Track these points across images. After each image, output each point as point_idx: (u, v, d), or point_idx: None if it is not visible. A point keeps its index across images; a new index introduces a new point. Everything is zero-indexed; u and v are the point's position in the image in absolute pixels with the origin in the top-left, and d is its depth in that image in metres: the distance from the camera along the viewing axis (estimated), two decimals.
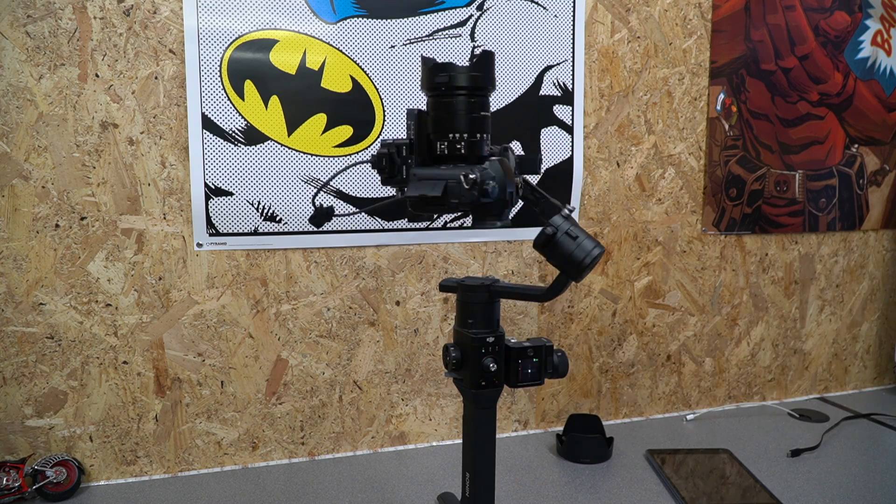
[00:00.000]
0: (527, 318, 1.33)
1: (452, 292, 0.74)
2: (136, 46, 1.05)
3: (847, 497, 1.07)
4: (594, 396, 1.40)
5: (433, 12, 1.17)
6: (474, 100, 0.70)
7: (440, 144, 0.69)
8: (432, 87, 0.70)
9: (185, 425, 1.15)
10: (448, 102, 0.69)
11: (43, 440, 1.09)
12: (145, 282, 1.10)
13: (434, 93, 0.70)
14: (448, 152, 0.69)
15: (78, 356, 1.09)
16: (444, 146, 0.69)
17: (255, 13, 1.09)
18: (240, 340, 1.16)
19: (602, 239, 1.35)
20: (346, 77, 1.14)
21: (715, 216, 1.42)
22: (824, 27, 1.44)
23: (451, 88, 0.69)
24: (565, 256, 0.64)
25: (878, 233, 1.61)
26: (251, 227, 1.13)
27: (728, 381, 1.51)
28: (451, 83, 0.69)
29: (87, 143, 1.05)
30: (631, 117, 1.34)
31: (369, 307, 1.22)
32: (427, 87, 0.70)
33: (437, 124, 0.70)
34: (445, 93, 0.69)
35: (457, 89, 0.69)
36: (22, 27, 1.00)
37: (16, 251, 1.04)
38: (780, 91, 1.43)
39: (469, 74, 0.69)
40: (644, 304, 1.41)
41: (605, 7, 1.29)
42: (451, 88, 0.69)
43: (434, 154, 0.70)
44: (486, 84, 0.70)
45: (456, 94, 0.69)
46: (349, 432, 1.25)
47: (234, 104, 1.10)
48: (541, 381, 0.73)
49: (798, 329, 1.56)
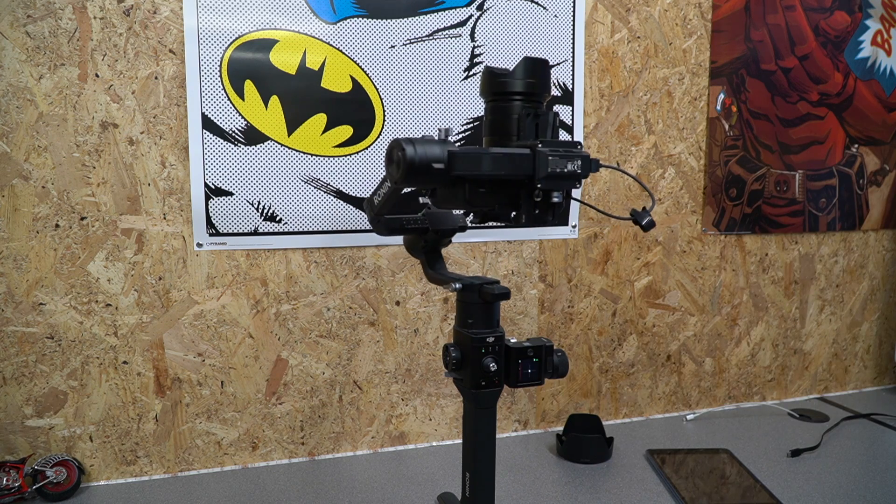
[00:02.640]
0: (527, 318, 1.33)
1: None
2: (136, 46, 1.05)
3: (847, 497, 1.07)
4: (594, 396, 1.40)
5: (433, 12, 1.17)
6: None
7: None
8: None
9: (185, 425, 1.15)
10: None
11: (43, 440, 1.09)
12: (145, 282, 1.10)
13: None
14: None
15: (78, 356, 1.09)
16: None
17: (255, 13, 1.09)
18: (240, 340, 1.16)
19: (602, 239, 1.35)
20: (346, 77, 1.14)
21: (715, 216, 1.42)
22: (824, 27, 1.44)
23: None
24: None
25: (878, 233, 1.61)
26: (251, 227, 1.13)
27: (728, 381, 1.51)
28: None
29: (87, 143, 1.05)
30: (631, 117, 1.34)
31: (369, 307, 1.22)
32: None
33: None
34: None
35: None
36: (22, 27, 1.00)
37: (16, 251, 1.04)
38: (780, 91, 1.43)
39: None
40: (644, 304, 1.41)
41: (605, 7, 1.29)
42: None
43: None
44: (541, 91, 0.72)
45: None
46: (349, 432, 1.25)
47: (234, 104, 1.10)
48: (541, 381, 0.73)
49: (798, 329, 1.56)
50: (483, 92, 0.72)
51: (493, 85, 0.70)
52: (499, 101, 0.71)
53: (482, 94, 0.72)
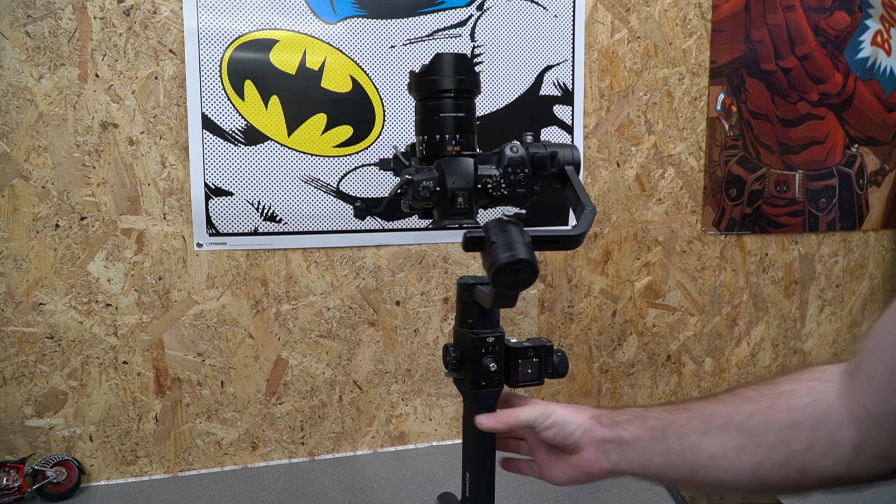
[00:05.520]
0: (527, 318, 1.33)
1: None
2: (136, 46, 1.05)
3: (847, 496, 1.07)
4: (594, 396, 1.40)
5: (433, 12, 1.17)
6: (435, 103, 0.73)
7: (417, 145, 0.74)
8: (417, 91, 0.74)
9: (185, 425, 1.15)
10: (425, 105, 0.73)
11: (43, 440, 1.09)
12: (145, 282, 1.10)
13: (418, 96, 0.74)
14: (426, 153, 0.73)
15: (78, 356, 1.09)
16: (422, 146, 0.74)
17: (255, 13, 1.09)
18: (240, 340, 1.16)
19: (602, 239, 1.35)
20: (346, 77, 1.14)
21: (715, 216, 1.42)
22: (824, 27, 1.44)
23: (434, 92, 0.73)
24: (486, 264, 0.60)
25: (878, 233, 1.61)
26: (251, 227, 1.13)
27: (728, 381, 1.51)
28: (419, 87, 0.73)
29: (87, 143, 1.05)
30: (631, 117, 1.34)
31: (369, 307, 1.22)
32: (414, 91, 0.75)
33: (419, 125, 0.74)
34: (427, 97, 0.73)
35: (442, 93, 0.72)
36: (22, 27, 1.00)
37: (16, 251, 1.04)
38: (780, 91, 1.43)
39: (428, 79, 0.72)
40: (644, 304, 1.41)
41: (605, 7, 1.29)
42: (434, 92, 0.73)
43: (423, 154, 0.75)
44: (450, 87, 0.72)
45: (432, 99, 0.73)
46: (349, 432, 1.25)
47: (234, 104, 1.10)
48: (541, 382, 0.73)
49: (798, 329, 1.56)
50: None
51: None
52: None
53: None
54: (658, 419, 0.59)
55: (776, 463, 0.50)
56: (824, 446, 0.48)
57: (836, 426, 0.47)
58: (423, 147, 0.72)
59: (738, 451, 0.52)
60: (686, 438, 0.56)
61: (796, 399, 0.51)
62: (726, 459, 0.53)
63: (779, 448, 0.50)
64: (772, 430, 0.51)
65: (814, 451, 0.48)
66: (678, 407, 0.58)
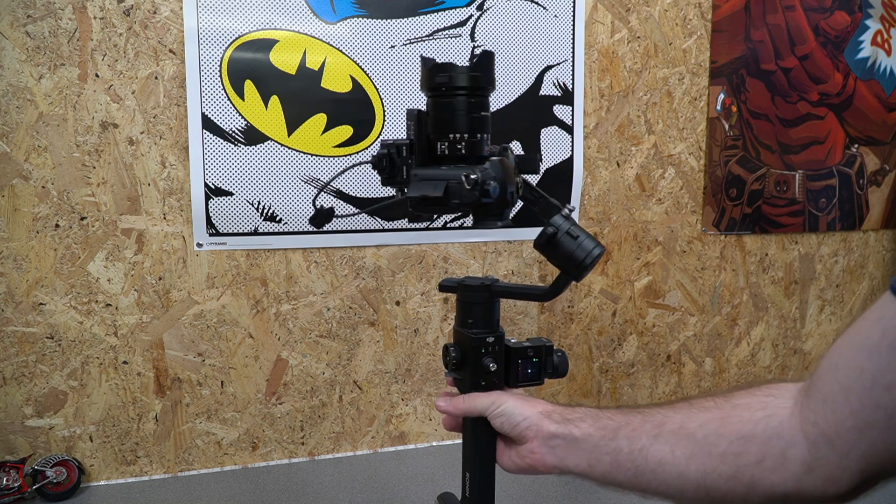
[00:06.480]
0: (527, 318, 1.33)
1: (452, 292, 0.75)
2: (136, 46, 1.05)
3: None
4: (594, 396, 1.40)
5: (433, 12, 1.17)
6: (474, 100, 0.70)
7: (440, 145, 0.70)
8: (432, 87, 0.70)
9: (185, 425, 1.15)
10: (448, 102, 0.70)
11: (43, 440, 1.09)
12: (145, 282, 1.10)
13: (434, 93, 0.70)
14: (448, 152, 0.69)
15: (78, 356, 1.09)
16: (444, 146, 0.69)
17: (255, 13, 1.09)
18: (240, 340, 1.16)
19: (602, 239, 1.35)
20: (346, 77, 1.14)
21: (715, 216, 1.42)
22: (824, 27, 1.44)
23: (451, 88, 0.69)
24: (566, 256, 0.64)
25: (878, 233, 1.61)
26: (251, 227, 1.13)
27: (728, 381, 1.51)
28: (451, 83, 0.69)
29: (87, 143, 1.05)
30: (631, 117, 1.34)
31: (369, 307, 1.22)
32: (427, 87, 0.71)
33: (438, 124, 0.70)
34: (445, 93, 0.69)
35: (457, 89, 0.69)
36: (22, 27, 1.00)
37: (16, 251, 1.04)
38: (780, 91, 1.43)
39: (469, 74, 0.69)
40: (644, 304, 1.41)
41: (605, 7, 1.29)
42: (451, 88, 0.69)
43: (434, 154, 0.70)
44: (486, 84, 0.71)
45: (456, 95, 0.69)
46: (349, 432, 1.25)
47: (234, 104, 1.10)
48: (541, 382, 0.73)
49: (798, 329, 1.56)
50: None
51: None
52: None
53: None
54: (611, 419, 0.59)
55: (724, 474, 0.50)
56: (774, 462, 0.48)
57: (788, 443, 0.47)
58: (461, 146, 0.69)
59: (688, 459, 0.52)
60: (636, 441, 0.55)
61: (750, 412, 0.50)
62: (674, 465, 0.53)
63: (728, 459, 0.50)
64: (723, 440, 0.50)
65: (763, 465, 0.48)
66: (633, 410, 0.58)
